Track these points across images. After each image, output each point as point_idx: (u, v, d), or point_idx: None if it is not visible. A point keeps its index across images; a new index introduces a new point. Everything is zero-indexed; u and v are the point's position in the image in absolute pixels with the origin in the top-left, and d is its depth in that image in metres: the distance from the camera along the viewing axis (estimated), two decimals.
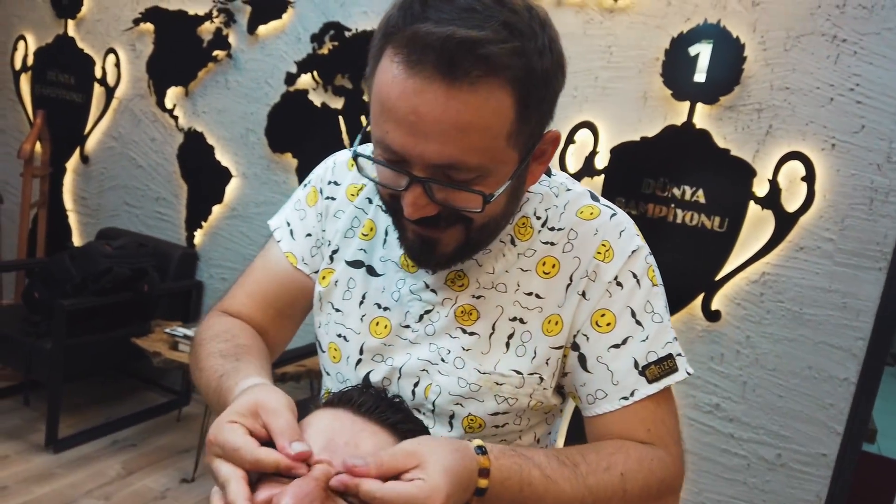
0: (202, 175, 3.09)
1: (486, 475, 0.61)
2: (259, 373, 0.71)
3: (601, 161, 2.32)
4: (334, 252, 0.84)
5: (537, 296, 0.76)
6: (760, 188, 2.12)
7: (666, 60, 2.20)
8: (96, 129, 3.37)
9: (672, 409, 0.77)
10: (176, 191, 3.19)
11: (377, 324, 0.80)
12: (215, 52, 2.95)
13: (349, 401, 0.65)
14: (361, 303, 0.81)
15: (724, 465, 2.25)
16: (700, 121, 2.18)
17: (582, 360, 0.75)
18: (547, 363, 0.75)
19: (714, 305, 2.21)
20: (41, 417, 2.81)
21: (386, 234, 0.82)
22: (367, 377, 0.79)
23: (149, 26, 3.14)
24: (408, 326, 0.78)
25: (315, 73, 2.77)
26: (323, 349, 0.85)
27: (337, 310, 0.83)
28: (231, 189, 3.04)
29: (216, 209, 3.08)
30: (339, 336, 0.82)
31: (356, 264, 0.82)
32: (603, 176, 2.32)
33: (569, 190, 0.80)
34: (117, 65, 3.27)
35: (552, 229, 0.78)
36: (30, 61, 3.55)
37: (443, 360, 0.76)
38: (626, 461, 0.70)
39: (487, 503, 0.62)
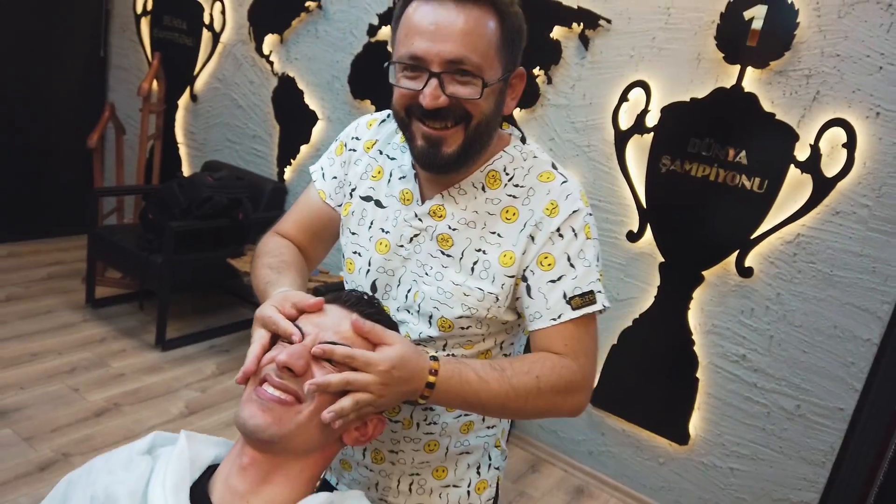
0: (292, 117, 3.42)
1: (434, 374, 0.87)
2: (292, 284, 0.99)
3: (651, 119, 2.44)
4: (353, 190, 1.10)
5: (498, 235, 0.99)
6: (802, 153, 2.19)
7: (721, 23, 2.28)
8: (204, 71, 3.76)
9: (590, 332, 0.98)
10: (270, 130, 3.55)
11: (380, 243, 1.05)
12: (307, 3, 3.22)
13: (338, 298, 0.93)
14: (370, 227, 1.06)
15: (745, 412, 2.41)
16: (749, 84, 2.26)
17: (528, 289, 0.98)
18: (502, 287, 0.98)
19: (748, 262, 2.33)
20: (152, 321, 3.30)
21: (390, 175, 1.07)
22: (373, 284, 1.05)
23: None
24: (402, 246, 1.03)
25: None
26: (343, 263, 1.12)
27: (353, 233, 1.08)
28: (317, 131, 3.36)
29: (303, 148, 3.41)
30: (355, 252, 1.08)
31: (367, 199, 1.08)
32: (652, 134, 2.44)
33: (535, 157, 1.03)
34: (223, 12, 3.61)
35: (516, 186, 1.00)
36: (149, 6, 3.95)
37: (426, 273, 1.01)
38: (542, 367, 0.93)
39: (437, 396, 0.87)
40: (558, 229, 0.97)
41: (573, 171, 2.64)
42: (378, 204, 1.07)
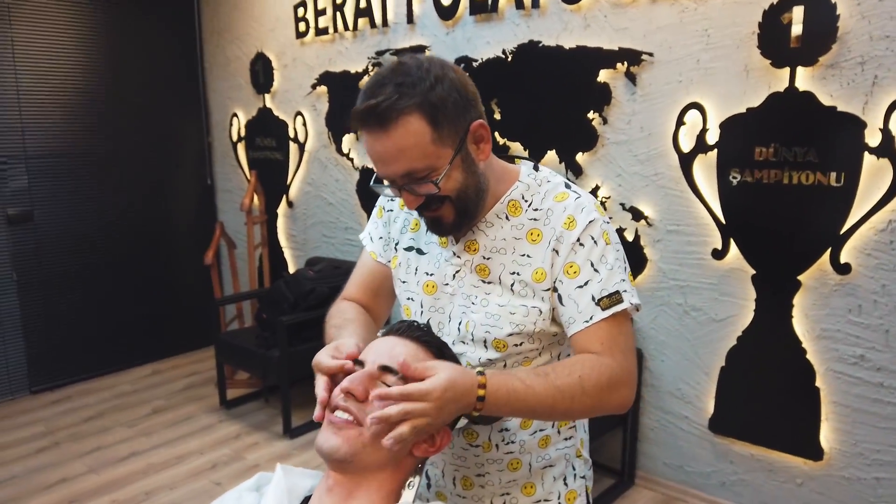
0: (375, 204, 3.67)
1: (483, 388, 0.95)
2: (352, 335, 1.11)
3: (712, 137, 2.47)
4: (396, 244, 1.24)
5: (528, 256, 1.09)
6: (873, 138, 2.14)
7: (761, 32, 2.31)
8: (296, 179, 4.13)
9: (624, 330, 1.05)
10: (359, 219, 3.82)
11: (427, 285, 1.17)
12: None
13: (391, 329, 1.05)
14: (416, 273, 1.19)
15: (877, 415, 2.26)
16: (802, 83, 2.26)
17: (560, 298, 1.06)
18: (542, 300, 1.07)
19: (843, 259, 2.25)
20: (279, 413, 3.54)
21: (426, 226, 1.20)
22: (427, 323, 1.16)
23: (323, 88, 3.82)
24: (447, 284, 1.14)
25: None
26: (402, 311, 1.25)
27: (403, 281, 1.21)
28: None
29: None
30: (408, 299, 1.20)
31: (409, 249, 1.21)
32: (716, 150, 2.46)
33: (548, 181, 1.13)
34: (304, 124, 3.99)
35: (536, 209, 1.10)
36: (243, 133, 4.43)
37: (473, 303, 1.11)
38: (583, 368, 1.00)
39: (489, 408, 0.95)
40: (578, 239, 1.06)
41: (645, 201, 2.68)
42: (419, 252, 1.19)
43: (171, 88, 4.46)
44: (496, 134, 3.08)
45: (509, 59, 2.97)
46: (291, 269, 4.27)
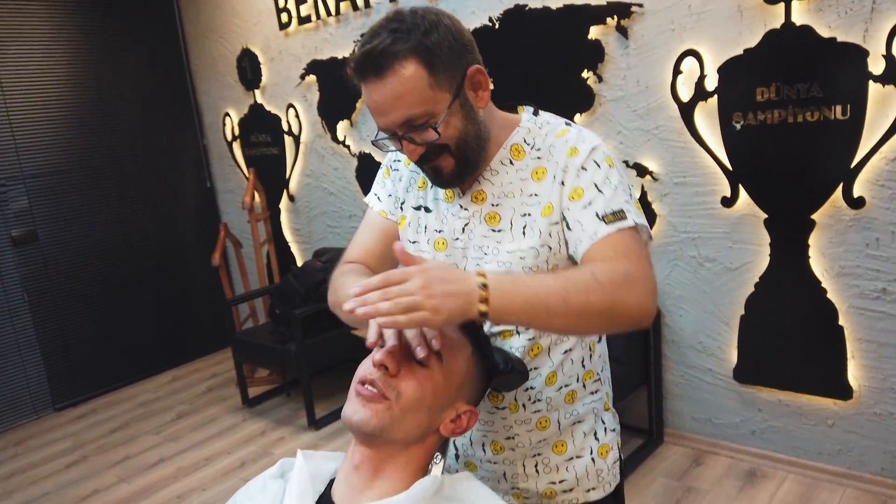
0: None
1: (483, 276, 0.87)
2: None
3: (710, 83, 2.42)
4: (402, 203, 1.21)
5: (535, 195, 1.07)
6: (876, 66, 2.09)
7: None
8: (294, 172, 4.10)
9: (633, 245, 0.99)
10: (361, 206, 3.78)
11: (438, 242, 1.14)
12: None
13: None
14: (425, 231, 1.16)
15: None
16: (799, 18, 2.20)
17: (567, 223, 1.05)
18: (550, 236, 1.05)
19: (856, 192, 2.21)
20: (301, 406, 3.53)
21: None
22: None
23: (312, 78, 3.78)
24: (457, 238, 1.12)
25: None
26: None
27: (413, 241, 1.18)
28: None
29: None
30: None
31: (417, 208, 1.18)
32: (716, 96, 2.41)
33: (549, 123, 1.12)
34: (297, 116, 3.95)
35: (538, 149, 1.09)
36: (236, 131, 4.40)
37: (485, 253, 1.09)
38: (595, 265, 0.97)
39: (495, 299, 0.85)
40: (582, 165, 1.04)
41: (648, 155, 2.63)
42: (427, 210, 1.17)
43: (161, 94, 4.42)
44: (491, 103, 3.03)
45: (496, 26, 2.92)
46: (299, 263, 4.25)
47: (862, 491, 2.39)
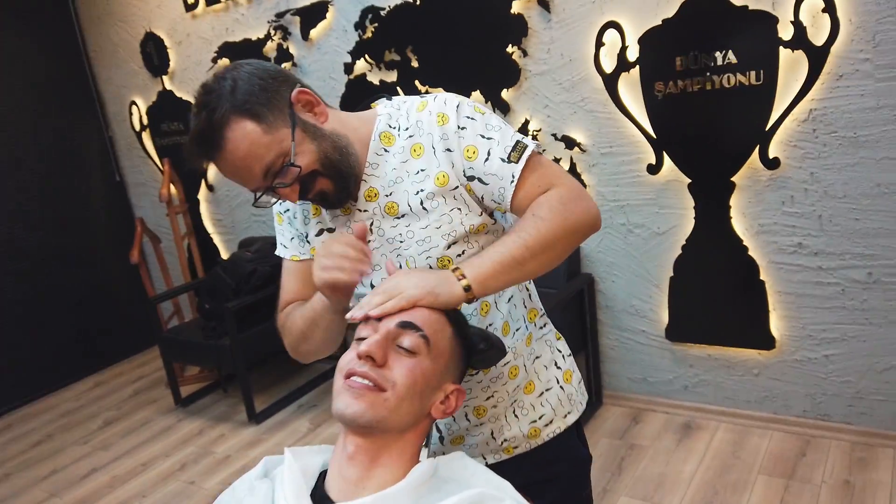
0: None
1: (455, 267, 0.99)
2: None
3: (632, 54, 2.48)
4: (306, 236, 1.20)
5: (421, 170, 1.08)
6: (786, 32, 2.20)
7: None
8: None
9: (545, 169, 1.07)
10: None
11: None
12: (283, 65, 3.37)
13: None
14: None
15: (820, 297, 2.39)
16: None
17: (480, 181, 1.07)
18: (455, 199, 1.07)
19: (771, 154, 2.33)
20: (239, 401, 3.44)
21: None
22: (371, 285, 1.14)
23: (225, 61, 3.62)
24: (369, 241, 1.11)
25: (366, 56, 3.11)
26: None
27: None
28: None
29: None
30: None
31: (319, 233, 1.18)
32: (637, 67, 2.48)
33: (404, 102, 1.13)
34: None
35: (407, 129, 1.10)
36: (145, 121, 4.17)
37: (401, 242, 1.10)
38: (531, 208, 1.03)
39: (472, 272, 0.97)
40: (458, 126, 1.07)
41: (575, 128, 2.69)
42: (330, 230, 1.17)
43: (57, 83, 4.12)
44: (416, 82, 3.01)
45: (418, 2, 2.88)
46: (224, 255, 4.11)
47: (787, 433, 2.56)
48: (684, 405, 2.78)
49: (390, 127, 1.11)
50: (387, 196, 1.10)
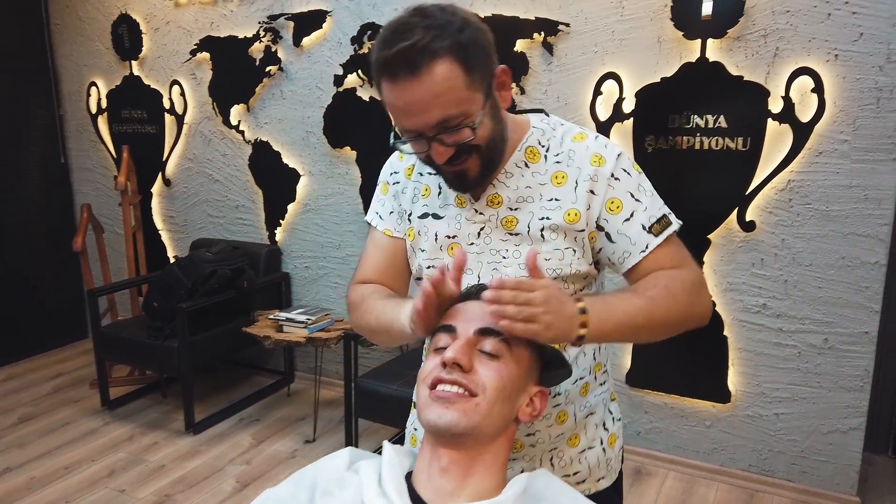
0: (273, 179, 3.47)
1: (580, 300, 0.93)
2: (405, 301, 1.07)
3: (628, 106, 2.58)
4: (409, 215, 1.18)
5: (556, 199, 1.07)
6: (775, 105, 2.36)
7: (673, 5, 2.44)
8: (173, 154, 3.78)
9: (680, 247, 1.08)
10: (252, 196, 3.58)
11: (451, 248, 1.12)
12: (268, 68, 3.30)
13: (468, 295, 0.99)
14: (436, 239, 1.14)
15: (777, 357, 2.52)
16: (712, 54, 2.42)
17: (608, 236, 1.07)
18: (575, 240, 1.06)
19: (748, 217, 2.47)
20: (176, 408, 3.26)
21: (439, 188, 1.15)
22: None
23: (205, 55, 3.51)
24: (472, 244, 1.10)
25: (359, 71, 3.10)
26: (419, 280, 1.19)
27: (423, 250, 1.16)
28: (301, 187, 3.41)
29: (291, 207, 3.46)
30: (430, 267, 1.15)
31: (424, 216, 1.16)
32: (632, 119, 2.58)
33: (562, 125, 1.13)
34: (182, 94, 3.65)
35: (556, 154, 1.09)
36: (103, 104, 3.97)
37: (503, 257, 1.09)
38: (665, 279, 1.02)
39: (593, 322, 0.92)
40: (612, 174, 1.06)
41: None
42: (436, 217, 1.15)
43: (8, 51, 3.87)
44: None
45: None
46: (171, 253, 3.92)
47: (733, 486, 2.66)
48: (636, 450, 2.84)
49: (540, 144, 1.09)
50: (511, 209, 1.08)
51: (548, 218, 1.06)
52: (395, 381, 2.63)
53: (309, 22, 3.17)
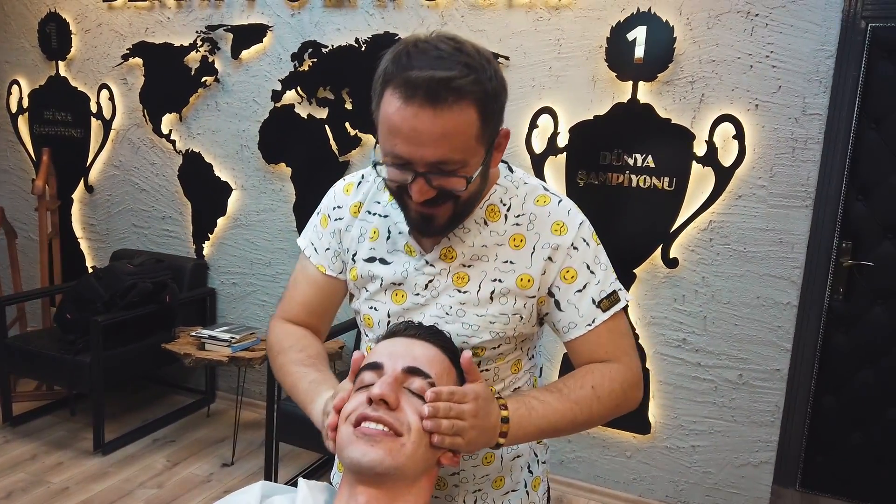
0: (204, 191, 3.37)
1: (505, 408, 0.94)
2: (330, 382, 1.05)
3: (562, 140, 2.65)
4: (353, 255, 1.14)
5: (511, 262, 1.05)
6: (700, 149, 2.46)
7: (608, 47, 2.53)
8: (98, 160, 3.63)
9: (624, 329, 1.07)
10: (180, 208, 3.47)
11: (396, 294, 1.09)
12: (204, 78, 3.23)
13: (396, 332, 0.98)
14: (381, 284, 1.10)
15: (694, 390, 2.60)
16: (643, 96, 2.51)
17: (557, 304, 1.06)
18: (524, 307, 1.05)
19: (672, 254, 2.55)
20: (83, 426, 3.09)
21: (388, 232, 1.11)
22: (434, 324, 1.08)
23: (137, 60, 3.41)
24: (418, 294, 1.08)
25: (299, 88, 3.06)
26: (360, 320, 1.16)
27: (366, 290, 1.12)
28: (232, 201, 3.33)
29: (220, 221, 3.37)
30: (371, 308, 1.12)
31: (371, 260, 1.12)
32: (565, 153, 2.64)
33: (526, 184, 1.10)
34: (111, 99, 3.52)
35: (517, 216, 1.07)
36: (25, 103, 3.78)
37: (447, 313, 1.06)
38: (594, 378, 1.01)
39: (513, 430, 0.94)
40: (572, 244, 1.05)
41: None
42: (383, 262, 1.11)
43: None
44: (347, 124, 2.99)
45: (363, 48, 2.90)
46: (89, 263, 3.75)
47: None
48: (559, 479, 2.86)
49: (502, 203, 1.06)
50: (463, 265, 1.05)
51: (500, 280, 1.04)
52: None
53: (248, 35, 3.12)
